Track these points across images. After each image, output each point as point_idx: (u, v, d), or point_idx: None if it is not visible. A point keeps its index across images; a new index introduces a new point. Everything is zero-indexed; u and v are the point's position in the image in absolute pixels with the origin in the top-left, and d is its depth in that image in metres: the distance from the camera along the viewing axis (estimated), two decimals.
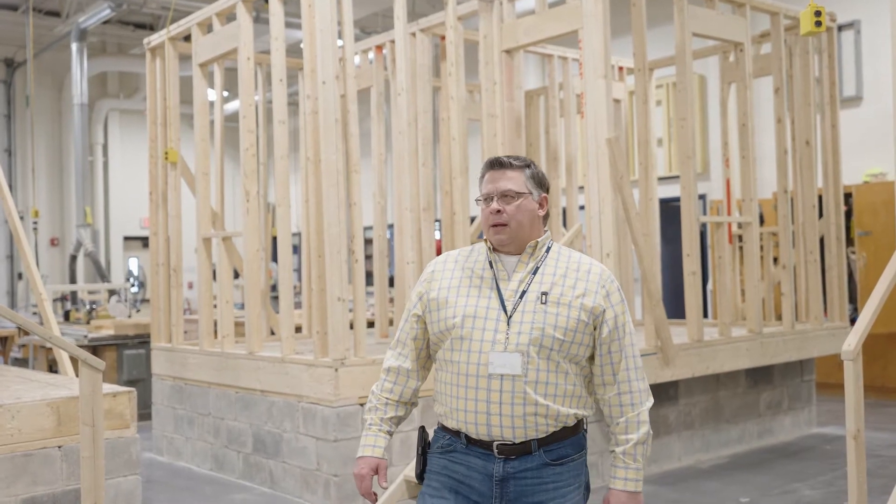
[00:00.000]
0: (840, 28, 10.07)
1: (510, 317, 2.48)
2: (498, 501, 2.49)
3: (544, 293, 2.49)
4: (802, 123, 7.82)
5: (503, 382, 2.44)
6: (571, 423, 2.51)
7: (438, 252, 7.86)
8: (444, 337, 2.55)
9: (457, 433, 2.54)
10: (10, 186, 16.06)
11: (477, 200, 2.63)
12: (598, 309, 2.51)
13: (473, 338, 2.48)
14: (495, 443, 2.48)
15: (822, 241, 8.02)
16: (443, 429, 2.60)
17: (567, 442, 2.51)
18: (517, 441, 2.47)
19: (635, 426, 2.53)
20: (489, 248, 2.59)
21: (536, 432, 2.47)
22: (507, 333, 2.46)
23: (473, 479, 2.51)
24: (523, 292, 2.51)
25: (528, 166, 2.58)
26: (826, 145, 8.05)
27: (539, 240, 2.57)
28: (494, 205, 2.53)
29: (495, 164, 2.58)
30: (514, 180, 2.54)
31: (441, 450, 2.58)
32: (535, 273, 2.53)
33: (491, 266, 2.57)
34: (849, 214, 9.60)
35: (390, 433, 2.68)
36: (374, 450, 2.63)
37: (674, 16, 6.62)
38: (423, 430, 2.66)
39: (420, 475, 2.63)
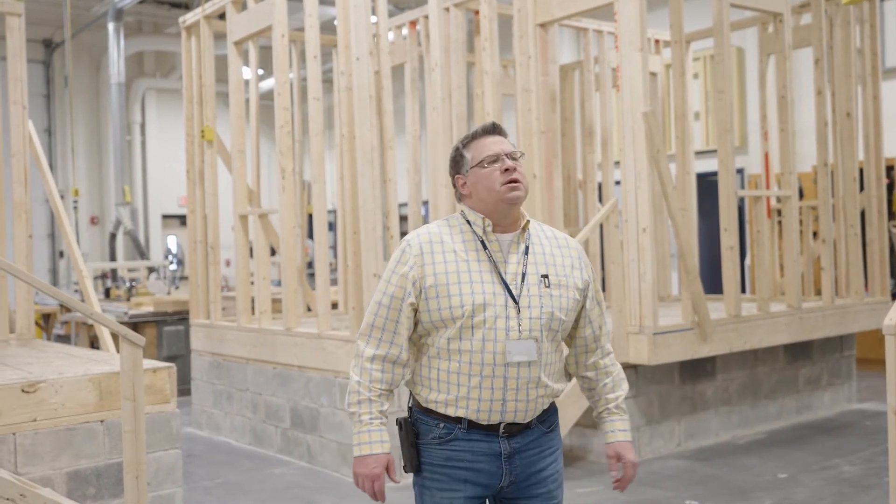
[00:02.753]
0: None
1: (518, 302, 2.45)
2: (507, 477, 2.51)
3: (545, 276, 2.49)
4: (843, 95, 7.69)
5: (520, 369, 2.45)
6: (558, 395, 2.60)
7: None
8: (446, 325, 2.45)
9: (456, 420, 2.49)
10: (51, 166, 16.27)
11: (476, 165, 2.50)
12: (586, 283, 2.59)
13: (486, 326, 2.42)
14: (503, 424, 2.49)
15: (862, 214, 7.91)
16: (432, 416, 2.52)
17: (551, 409, 2.62)
18: (526, 422, 2.52)
19: (620, 383, 2.69)
20: (484, 227, 2.49)
21: (542, 411, 2.55)
22: (519, 320, 2.44)
23: (480, 461, 2.49)
24: (523, 274, 2.48)
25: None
26: (867, 117, 7.92)
27: (528, 219, 2.55)
28: (510, 162, 2.47)
29: (497, 129, 2.54)
30: (508, 144, 2.55)
31: (439, 440, 2.50)
32: (526, 253, 2.51)
33: (484, 247, 2.49)
34: (890, 187, 9.44)
35: (386, 426, 2.54)
36: (383, 445, 2.49)
37: None
38: (406, 422, 2.55)
39: (417, 467, 2.54)
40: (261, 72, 15.19)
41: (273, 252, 7.93)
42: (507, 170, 2.46)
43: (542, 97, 6.78)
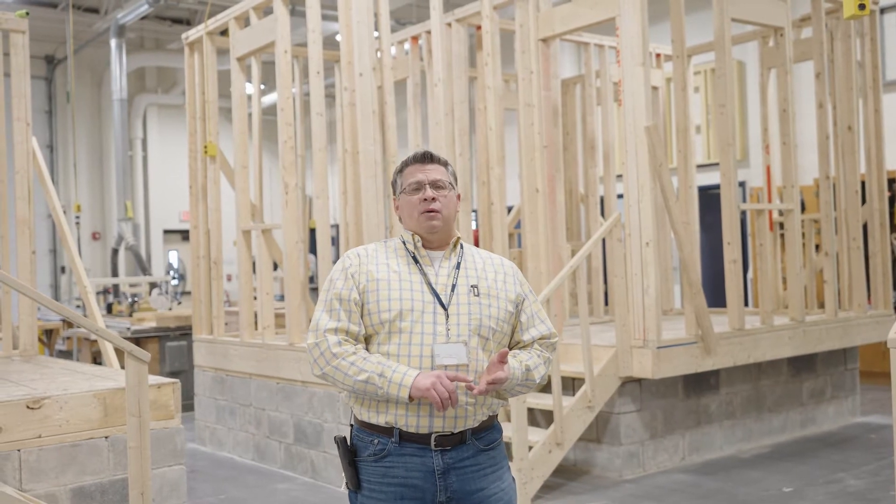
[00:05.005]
0: (882, 11, 9.90)
1: (447, 309, 2.51)
2: (443, 494, 2.50)
3: (474, 286, 2.57)
4: (844, 108, 7.71)
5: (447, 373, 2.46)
6: (496, 410, 2.62)
7: (476, 243, 7.86)
8: (376, 330, 2.52)
9: (388, 430, 2.49)
10: (53, 181, 16.30)
11: (402, 191, 2.62)
12: (520, 297, 2.66)
13: (413, 330, 2.48)
14: (433, 434, 2.48)
15: (865, 227, 7.92)
16: (367, 430, 2.54)
17: (492, 427, 2.61)
18: (456, 431, 2.50)
19: (546, 360, 2.65)
20: (414, 244, 2.60)
21: (474, 421, 2.53)
22: (447, 325, 2.50)
23: (414, 477, 2.49)
24: (453, 286, 2.56)
25: (447, 164, 2.67)
26: (869, 130, 7.94)
27: (459, 236, 2.67)
28: (429, 192, 2.57)
29: (426, 157, 2.63)
30: (439, 171, 2.62)
31: (373, 457, 2.52)
32: (458, 268, 2.60)
33: (416, 261, 2.59)
34: (892, 200, 9.45)
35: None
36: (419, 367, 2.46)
37: (712, 1, 6.55)
38: (344, 441, 2.59)
39: (358, 485, 2.55)
40: (263, 87, 15.22)
41: (276, 267, 7.92)
42: (425, 199, 2.57)
43: (544, 111, 6.80)
